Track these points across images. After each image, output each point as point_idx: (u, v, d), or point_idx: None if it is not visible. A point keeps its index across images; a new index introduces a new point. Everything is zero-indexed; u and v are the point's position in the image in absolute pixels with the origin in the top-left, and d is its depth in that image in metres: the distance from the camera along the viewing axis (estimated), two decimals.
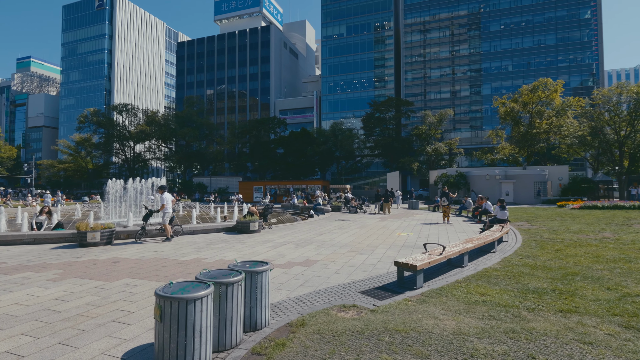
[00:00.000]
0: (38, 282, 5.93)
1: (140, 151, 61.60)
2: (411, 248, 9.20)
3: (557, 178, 34.46)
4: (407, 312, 4.47)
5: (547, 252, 8.33)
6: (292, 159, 50.73)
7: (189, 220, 18.88)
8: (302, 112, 76.86)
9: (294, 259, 7.80)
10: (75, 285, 5.72)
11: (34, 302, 4.88)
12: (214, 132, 61.03)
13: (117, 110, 56.71)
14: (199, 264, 7.34)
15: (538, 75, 57.20)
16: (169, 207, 10.34)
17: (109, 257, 8.10)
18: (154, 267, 6.99)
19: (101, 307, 4.64)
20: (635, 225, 13.48)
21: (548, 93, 36.64)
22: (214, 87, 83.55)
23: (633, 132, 32.17)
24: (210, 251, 8.81)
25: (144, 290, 5.40)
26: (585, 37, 57.00)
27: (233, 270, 3.84)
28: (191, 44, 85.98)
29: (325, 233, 12.26)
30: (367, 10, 71.06)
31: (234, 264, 4.18)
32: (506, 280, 5.94)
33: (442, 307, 4.64)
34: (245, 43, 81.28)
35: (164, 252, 8.73)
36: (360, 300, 4.95)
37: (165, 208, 10.35)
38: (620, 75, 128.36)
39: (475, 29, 63.52)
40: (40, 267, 7.02)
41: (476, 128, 63.51)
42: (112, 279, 6.11)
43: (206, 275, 3.69)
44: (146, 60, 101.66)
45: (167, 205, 10.33)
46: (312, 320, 4.19)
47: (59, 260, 7.68)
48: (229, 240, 10.59)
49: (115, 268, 6.92)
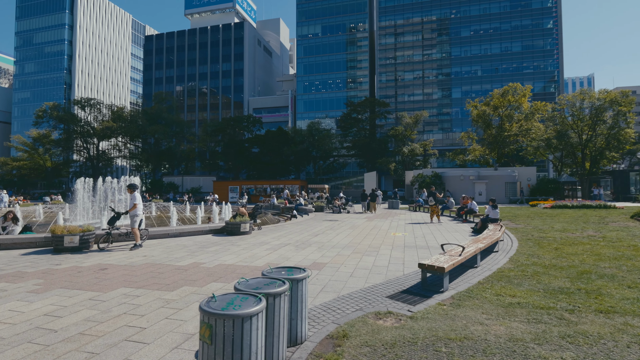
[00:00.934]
0: (17, 294, 5.14)
1: (105, 149, 58.17)
2: (415, 249, 9.03)
3: (525, 179, 36.06)
4: (448, 317, 4.21)
5: (548, 251, 8.43)
6: (268, 159, 49.85)
7: (166, 222, 17.85)
8: (277, 111, 75.92)
9: (300, 262, 7.37)
10: (64, 297, 4.99)
11: (20, 319, 4.16)
12: (185, 129, 58.78)
13: (80, 105, 53.14)
14: (198, 269, 6.74)
15: (505, 80, 59.84)
16: (139, 208, 9.02)
17: (93, 263, 7.29)
18: (150, 274, 6.32)
19: (105, 324, 4.02)
20: (611, 223, 14.16)
21: (517, 97, 38.27)
22: (184, 83, 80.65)
23: (594, 135, 34.25)
24: (206, 255, 8.19)
25: (148, 302, 4.79)
26: (547, 45, 60.32)
27: (273, 278, 3.41)
28: (160, 37, 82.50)
29: (319, 234, 11.88)
30: (343, 11, 71.34)
31: (267, 270, 3.74)
32: (526, 280, 5.85)
33: (481, 311, 4.43)
34: (217, 39, 79.08)
35: (155, 256, 8.01)
36: (392, 306, 4.64)
37: (136, 210, 8.99)
38: (575, 82, 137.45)
39: (446, 34, 65.46)
40: (15, 277, 6.15)
41: (447, 130, 65.46)
42: (105, 288, 5.41)
43: (246, 285, 3.23)
44: (110, 53, 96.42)
45: (138, 206, 8.99)
46: (352, 330, 3.83)
47: (35, 268, 6.80)
48: (222, 243, 9.96)
49: (104, 276, 6.19)
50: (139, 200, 8.98)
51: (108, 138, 53.95)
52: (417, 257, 7.87)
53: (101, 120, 54.11)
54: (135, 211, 8.99)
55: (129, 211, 9.04)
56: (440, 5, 65.96)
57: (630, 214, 17.51)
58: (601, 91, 34.08)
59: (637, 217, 14.83)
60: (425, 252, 8.56)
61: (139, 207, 8.99)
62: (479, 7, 63.88)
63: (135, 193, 9.11)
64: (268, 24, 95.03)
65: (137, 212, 9.01)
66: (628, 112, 32.61)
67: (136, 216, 9.02)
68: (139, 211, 9.05)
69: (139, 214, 9.04)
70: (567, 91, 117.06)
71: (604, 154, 34.26)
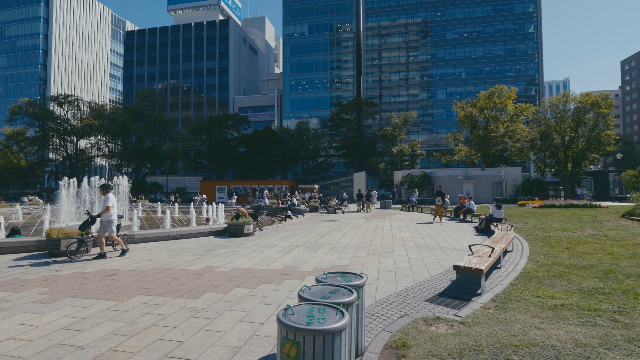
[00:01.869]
0: (23, 305, 4.65)
1: (85, 147, 55.95)
2: (428, 249, 8.89)
3: (511, 179, 36.88)
4: (500, 322, 4.03)
5: (560, 250, 8.45)
6: (256, 158, 49.14)
7: (157, 223, 17.17)
8: (263, 110, 75.03)
9: (319, 265, 7.09)
10: (78, 308, 4.54)
11: (36, 334, 3.72)
12: (168, 128, 57.23)
13: (57, 102, 50.87)
14: (215, 274, 6.36)
15: (488, 82, 61.16)
16: (113, 212, 7.87)
17: (97, 268, 6.78)
18: (164, 280, 5.90)
19: (136, 338, 3.64)
20: (605, 222, 14.49)
21: (503, 99, 39.08)
22: (167, 80, 78.60)
23: (576, 137, 35.33)
24: (216, 258, 7.78)
25: (174, 311, 4.41)
26: (529, 49, 62.05)
27: (336, 286, 3.13)
28: (142, 33, 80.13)
29: (325, 235, 11.61)
30: (330, 11, 71.25)
31: (321, 275, 3.46)
32: (557, 281, 5.77)
33: (529, 314, 4.28)
34: (202, 36, 77.48)
35: (161, 260, 7.55)
36: (437, 311, 4.43)
37: (109, 213, 7.81)
38: (551, 86, 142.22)
39: (432, 36, 66.35)
40: (15, 285, 5.61)
41: (431, 131, 66.33)
42: (121, 297, 4.98)
43: (310, 293, 2.94)
44: (89, 49, 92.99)
45: (112, 209, 7.82)
46: (409, 339, 3.59)
47: (34, 275, 6.25)
48: (228, 245, 9.54)
49: (115, 283, 5.73)
50: (113, 203, 7.85)
51: (88, 136, 51.89)
52: (435, 258, 7.73)
53: (80, 118, 51.98)
54: (109, 215, 7.82)
55: (100, 214, 7.85)
56: (426, 7, 66.82)
57: (619, 212, 18.06)
58: (582, 94, 35.21)
59: (629, 216, 15.25)
60: (440, 252, 8.43)
61: (113, 211, 7.85)
62: (464, 11, 65.07)
63: (109, 194, 7.94)
64: (253, 22, 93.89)
65: (111, 216, 7.84)
66: (608, 115, 33.81)
67: (111, 221, 7.84)
68: (113, 216, 7.88)
69: (113, 218, 7.88)
70: (546, 94, 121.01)
71: (585, 155, 35.38)
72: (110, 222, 7.84)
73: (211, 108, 76.12)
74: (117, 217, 8.13)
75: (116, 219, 8.03)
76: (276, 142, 46.68)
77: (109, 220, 7.82)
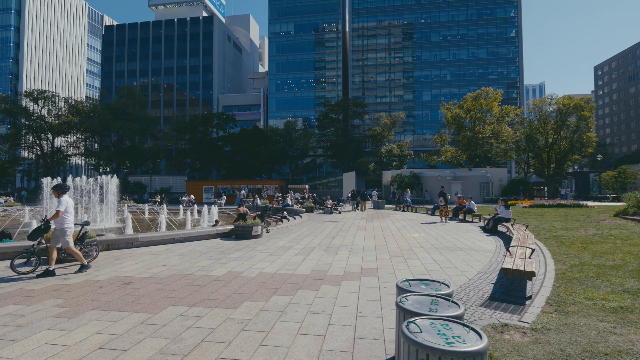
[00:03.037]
0: (43, 321, 4.12)
1: (61, 146, 53.43)
2: (449, 250, 8.73)
3: (497, 179, 37.66)
4: (571, 327, 3.85)
5: (578, 250, 8.46)
6: (242, 158, 48.27)
7: (152, 226, 16.42)
8: (248, 109, 73.96)
9: (348, 269, 6.78)
10: (107, 322, 4.06)
11: (70, 356, 3.25)
12: (151, 126, 55.44)
13: (32, 97, 48.35)
14: (242, 280, 5.95)
15: (472, 84, 62.49)
16: (68, 218, 6.42)
17: (108, 276, 6.23)
18: (190, 288, 5.44)
19: (190, 357, 3.22)
20: (602, 222, 14.81)
21: (489, 101, 39.90)
22: (148, 77, 76.30)
23: (559, 138, 36.44)
24: (235, 262, 7.34)
25: (218, 323, 4.00)
26: (510, 53, 63.77)
27: (430, 296, 2.84)
28: (122, 28, 77.47)
29: (335, 236, 11.31)
30: (316, 10, 70.98)
31: (403, 283, 3.16)
32: (596, 282, 5.68)
33: (595, 318, 4.12)
34: (185, 33, 75.65)
35: (176, 265, 7.05)
36: (499, 317, 4.22)
37: (62, 220, 6.36)
38: (528, 89, 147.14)
39: (417, 38, 67.17)
40: (23, 297, 5.03)
41: (415, 132, 67.12)
42: (151, 308, 4.52)
43: (411, 305, 2.63)
44: (64, 43, 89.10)
45: (65, 215, 6.39)
46: (491, 349, 3.34)
47: (41, 285, 5.66)
48: (240, 248, 9.08)
49: (136, 292, 5.24)
50: (66, 206, 6.39)
51: (65, 134, 49.56)
52: (461, 260, 7.56)
53: (57, 115, 49.60)
54: (62, 222, 6.36)
55: (49, 220, 6.49)
56: (412, 9, 67.59)
57: (609, 212, 18.60)
58: (565, 97, 36.35)
59: (622, 216, 15.68)
60: (462, 254, 8.28)
61: (67, 217, 6.42)
62: (448, 14, 66.20)
63: (63, 197, 6.47)
64: (237, 20, 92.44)
65: (65, 223, 6.39)
66: (589, 117, 35.04)
67: (63, 230, 6.38)
68: (68, 223, 6.43)
69: (67, 226, 6.41)
70: (525, 97, 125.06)
71: (567, 156, 36.53)
72: (62, 230, 6.36)
73: (194, 106, 74.43)
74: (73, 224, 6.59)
75: (72, 226, 6.53)
76: (264, 142, 46.00)
77: (61, 228, 6.36)
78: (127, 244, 8.88)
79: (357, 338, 3.62)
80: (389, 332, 3.78)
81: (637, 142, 78.12)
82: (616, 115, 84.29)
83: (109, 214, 16.71)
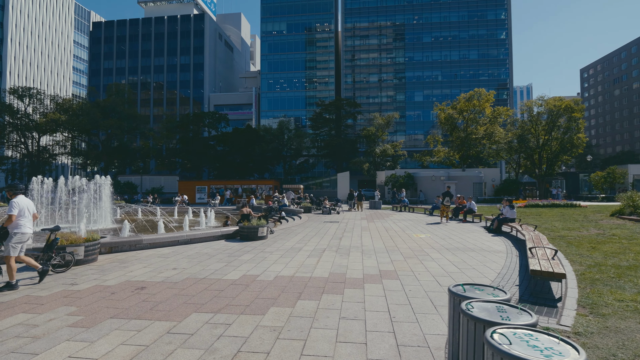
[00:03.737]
0: (59, 331, 3.85)
1: (47, 145, 52.01)
2: (461, 251, 8.66)
3: (490, 179, 38.06)
4: (615, 331, 3.77)
5: (588, 250, 8.48)
6: (235, 158, 47.74)
7: (149, 229, 16.00)
8: (240, 108, 73.28)
9: (367, 271, 6.62)
10: (130, 331, 3.82)
11: None
12: (141, 125, 54.42)
13: (17, 95, 46.92)
14: (260, 284, 5.74)
15: (463, 86, 63.11)
16: (23, 222, 5.50)
17: (118, 280, 5.94)
18: (209, 293, 5.21)
19: None
20: (600, 221, 15.01)
21: (481, 102, 40.29)
22: (137, 75, 74.92)
23: (550, 139, 37.02)
24: (247, 265, 7.11)
25: (251, 331, 3.79)
26: (501, 55, 64.65)
27: (494, 302, 2.70)
28: (110, 25, 75.90)
29: (341, 237, 11.15)
30: (309, 10, 70.76)
31: (457, 288, 3.02)
32: (619, 282, 5.65)
33: (634, 321, 4.05)
34: (175, 30, 74.55)
35: (186, 269, 6.79)
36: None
37: (17, 225, 5.46)
38: (516, 91, 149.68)
39: (409, 39, 67.55)
40: (31, 305, 4.73)
41: (407, 132, 67.49)
42: (173, 316, 4.28)
43: (477, 312, 2.48)
44: (49, 39, 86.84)
45: (21, 217, 5.49)
46: None
47: (48, 291, 5.35)
48: (248, 250, 8.85)
49: (153, 298, 4.98)
50: (19, 209, 5.47)
51: (52, 132, 48.23)
52: (476, 261, 7.49)
53: (43, 113, 48.24)
54: (16, 227, 5.45)
55: (4, 226, 5.51)
56: (404, 10, 67.92)
57: (603, 211, 18.88)
58: (556, 98, 36.95)
59: (619, 216, 15.92)
60: (476, 255, 8.21)
61: (22, 222, 5.48)
62: (440, 15, 66.75)
63: (15, 199, 5.53)
64: (228, 18, 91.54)
65: (20, 228, 5.46)
66: (580, 119, 35.69)
67: (17, 234, 5.45)
68: (24, 228, 5.50)
69: (22, 230, 5.48)
70: (514, 99, 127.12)
71: (558, 156, 37.13)
72: (17, 237, 5.44)
73: (185, 105, 73.41)
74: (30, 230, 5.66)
75: (26, 232, 5.57)
76: (258, 141, 45.59)
77: (16, 234, 5.45)
78: (131, 246, 8.56)
79: (401, 345, 3.47)
80: (431, 338, 3.63)
81: (621, 144, 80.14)
82: (601, 117, 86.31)
83: (104, 214, 16.25)
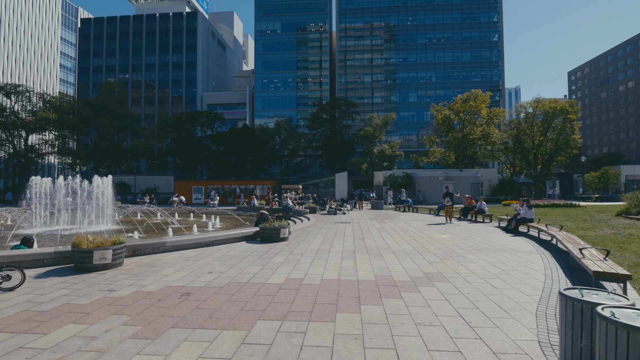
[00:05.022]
0: (123, 343, 3.55)
1: (35, 144, 50.50)
2: (494, 252, 8.57)
3: (487, 180, 38.44)
4: None
5: (618, 250, 8.46)
6: (231, 157, 47.15)
7: (154, 230, 15.53)
8: (233, 107, 72.53)
9: (412, 274, 6.45)
10: (200, 342, 3.55)
11: None
12: (134, 124, 53.30)
13: (4, 92, 45.43)
14: (307, 288, 5.50)
15: (457, 87, 63.74)
16: None
17: (158, 286, 5.62)
18: (262, 299, 4.95)
19: None
20: (609, 221, 15.18)
21: (478, 103, 40.69)
22: (128, 73, 73.45)
23: (545, 140, 37.59)
24: (284, 268, 6.85)
25: (331, 340, 3.56)
26: (493, 57, 65.53)
27: (629, 308, 2.53)
28: (100, 22, 74.24)
29: (364, 238, 10.98)
30: (303, 9, 70.50)
31: (572, 291, 2.85)
32: None
33: None
34: (167, 28, 73.36)
35: (222, 272, 6.50)
36: None
37: None
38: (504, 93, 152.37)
39: (403, 40, 67.91)
40: (76, 314, 4.40)
41: (402, 132, 67.82)
42: (238, 324, 4.02)
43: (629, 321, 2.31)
44: (35, 36, 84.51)
45: None
46: None
47: (89, 299, 5.01)
48: (275, 252, 8.58)
49: (203, 304, 4.70)
50: None
51: (42, 131, 46.84)
52: (514, 262, 7.39)
53: (32, 111, 46.83)
54: None
55: None
56: (398, 11, 68.25)
57: (605, 211, 19.17)
58: (551, 100, 37.55)
59: (626, 215, 16.16)
60: (511, 255, 8.12)
61: None
62: (434, 17, 67.29)
63: None
64: (221, 17, 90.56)
65: None
66: (574, 120, 36.34)
67: None
68: None
69: None
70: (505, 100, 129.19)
71: (553, 157, 37.74)
72: None
73: (177, 104, 72.31)
74: None
75: None
76: (254, 141, 45.12)
77: None
78: (154, 249, 8.21)
79: (498, 353, 3.29)
80: (523, 345, 3.47)
81: (607, 145, 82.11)
82: (589, 118, 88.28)
83: (106, 215, 15.74)
